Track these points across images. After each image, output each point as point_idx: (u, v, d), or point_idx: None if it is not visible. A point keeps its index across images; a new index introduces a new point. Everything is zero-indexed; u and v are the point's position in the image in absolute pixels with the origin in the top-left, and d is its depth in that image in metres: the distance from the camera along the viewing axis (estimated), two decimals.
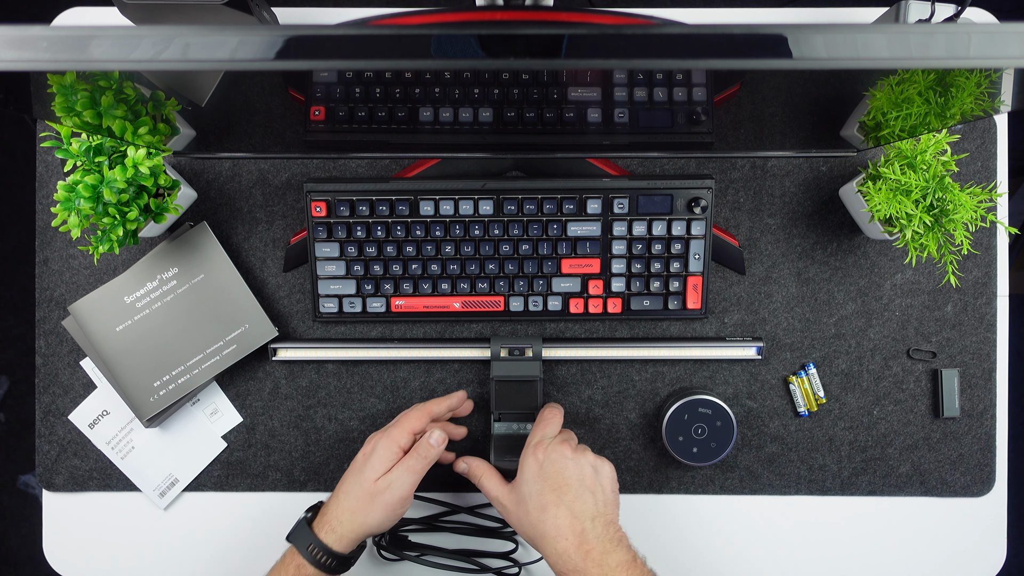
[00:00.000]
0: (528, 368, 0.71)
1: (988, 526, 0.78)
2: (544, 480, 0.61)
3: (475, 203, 0.73)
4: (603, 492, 0.61)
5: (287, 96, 0.65)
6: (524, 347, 0.72)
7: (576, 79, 0.65)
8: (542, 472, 0.61)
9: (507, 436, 0.71)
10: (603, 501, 0.61)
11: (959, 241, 0.68)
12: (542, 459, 0.62)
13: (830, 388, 0.78)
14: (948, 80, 0.51)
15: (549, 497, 0.60)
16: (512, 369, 0.71)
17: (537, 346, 0.72)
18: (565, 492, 0.60)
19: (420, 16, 0.54)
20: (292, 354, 0.75)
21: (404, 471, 0.64)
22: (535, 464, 0.62)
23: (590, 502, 0.60)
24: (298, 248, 0.77)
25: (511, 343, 0.72)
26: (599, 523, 0.59)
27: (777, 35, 0.33)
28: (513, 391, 0.71)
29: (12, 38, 0.33)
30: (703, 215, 0.73)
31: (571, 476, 0.61)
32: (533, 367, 0.72)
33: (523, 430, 0.71)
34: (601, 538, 0.58)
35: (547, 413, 0.68)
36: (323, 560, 0.63)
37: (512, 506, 0.63)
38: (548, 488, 0.60)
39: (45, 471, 0.78)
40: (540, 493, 0.60)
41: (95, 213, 0.65)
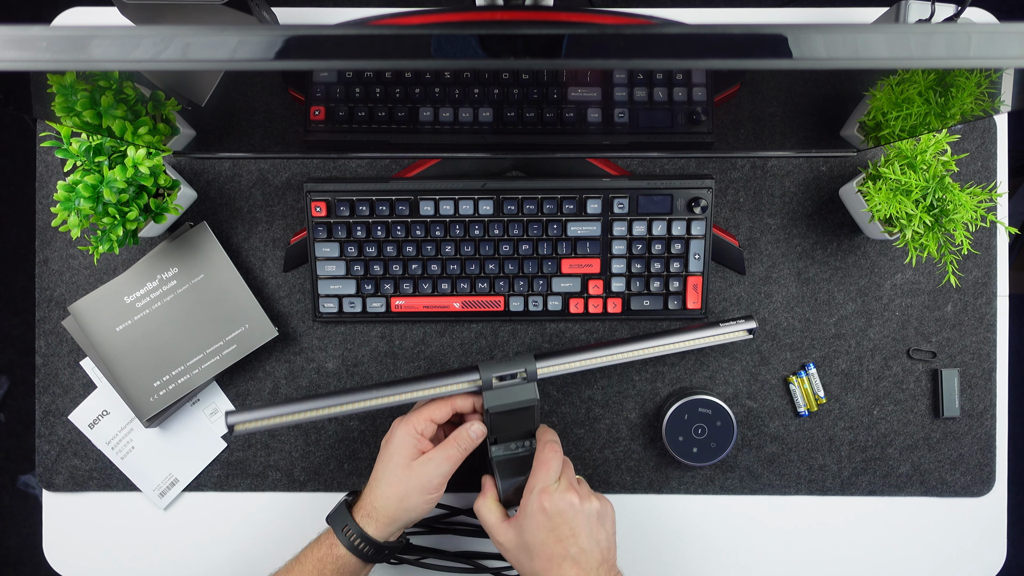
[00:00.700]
0: (523, 392, 0.65)
1: (988, 526, 0.78)
2: (552, 531, 0.59)
3: (475, 203, 0.73)
4: (607, 538, 0.61)
5: (287, 96, 0.65)
6: (516, 371, 0.65)
7: (576, 79, 0.65)
8: (550, 523, 0.59)
9: (509, 459, 0.66)
10: (607, 547, 0.60)
11: (959, 241, 0.68)
12: (549, 509, 0.59)
13: (830, 388, 0.78)
14: (948, 80, 0.51)
15: (556, 548, 0.58)
16: (507, 396, 0.65)
17: (531, 366, 0.65)
18: (572, 544, 0.58)
19: (420, 16, 0.54)
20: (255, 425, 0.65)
21: (442, 459, 0.63)
22: (542, 514, 0.59)
23: (596, 552, 0.59)
24: (298, 248, 0.77)
25: (501, 368, 0.65)
26: (603, 569, 0.59)
27: (777, 35, 0.33)
28: (510, 419, 0.66)
29: (12, 38, 0.33)
30: (703, 215, 0.73)
31: (579, 527, 0.59)
32: (529, 390, 0.65)
33: (522, 449, 0.67)
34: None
35: (547, 453, 0.63)
36: (359, 544, 0.62)
37: (512, 548, 0.61)
38: (555, 539, 0.58)
39: (45, 471, 0.78)
40: (545, 544, 0.59)
41: (95, 213, 0.65)
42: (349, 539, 0.63)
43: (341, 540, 0.63)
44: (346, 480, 0.78)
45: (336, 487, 0.79)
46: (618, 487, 0.78)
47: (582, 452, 0.78)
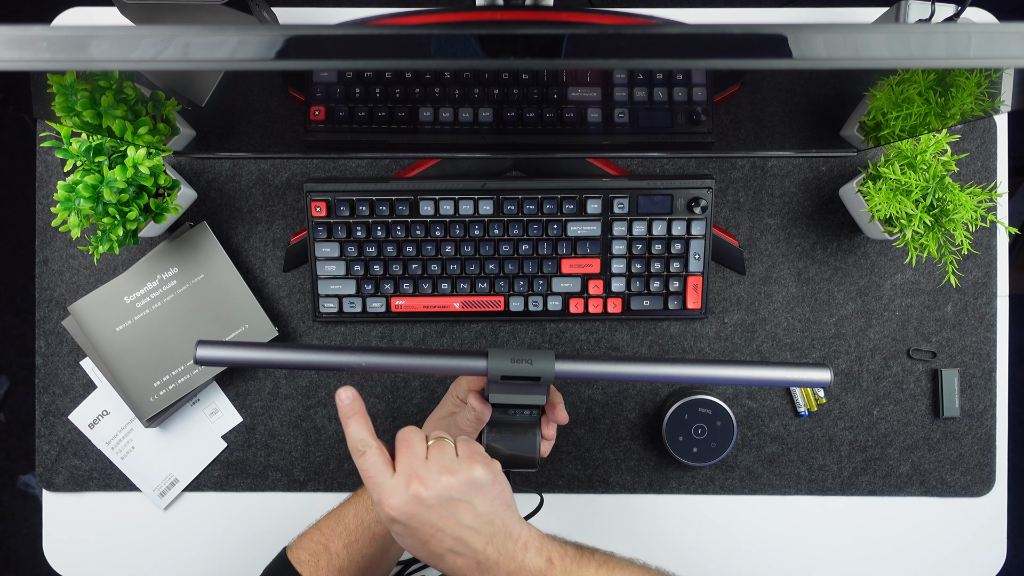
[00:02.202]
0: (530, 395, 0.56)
1: (988, 526, 0.78)
2: (413, 536, 0.51)
3: (475, 203, 0.73)
4: (485, 511, 0.51)
5: (287, 96, 0.65)
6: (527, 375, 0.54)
7: (576, 79, 0.65)
8: (407, 530, 0.50)
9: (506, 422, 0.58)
10: (489, 520, 0.51)
11: (959, 241, 0.68)
12: (398, 517, 0.50)
13: (830, 388, 0.78)
14: (948, 80, 0.51)
15: (429, 549, 0.51)
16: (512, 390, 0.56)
17: (548, 371, 0.54)
18: (443, 539, 0.50)
19: (420, 16, 0.54)
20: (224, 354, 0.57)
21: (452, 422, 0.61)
22: (394, 524, 0.51)
23: (473, 535, 0.50)
24: (298, 248, 0.77)
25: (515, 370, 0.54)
26: (494, 543, 0.51)
27: (777, 35, 0.33)
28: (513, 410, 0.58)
29: (12, 38, 0.33)
30: (703, 215, 0.73)
31: (440, 521, 0.50)
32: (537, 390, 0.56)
33: (521, 416, 0.58)
34: (502, 558, 0.51)
35: (359, 462, 0.52)
36: None
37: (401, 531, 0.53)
38: (421, 543, 0.51)
39: (45, 471, 0.78)
40: (417, 548, 0.52)
41: (95, 213, 0.65)
42: None
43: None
44: (346, 480, 0.78)
45: (336, 487, 0.79)
46: (618, 487, 0.78)
47: (582, 452, 0.78)
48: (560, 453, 0.78)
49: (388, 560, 0.64)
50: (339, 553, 0.61)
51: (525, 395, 0.56)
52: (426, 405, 0.78)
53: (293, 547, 0.63)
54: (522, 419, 0.58)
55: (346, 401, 0.53)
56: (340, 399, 0.54)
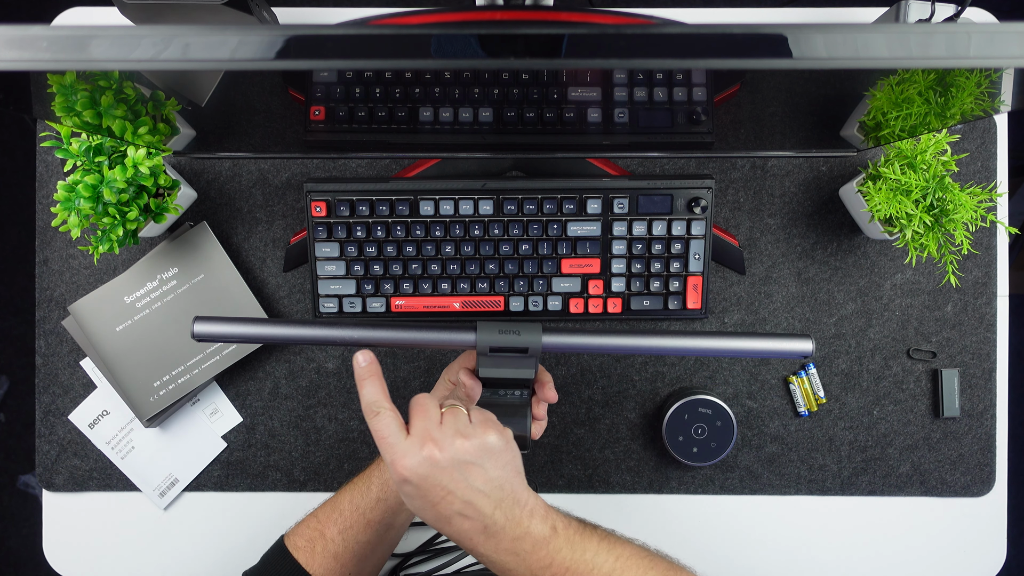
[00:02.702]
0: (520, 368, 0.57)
1: (988, 526, 0.78)
2: (423, 498, 0.51)
3: (475, 203, 0.73)
4: (496, 476, 0.51)
5: (287, 96, 0.65)
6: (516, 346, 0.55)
7: (576, 79, 0.65)
8: (418, 490, 0.51)
9: (496, 403, 0.59)
10: (499, 485, 0.51)
11: (959, 241, 0.68)
12: (409, 477, 0.50)
13: (830, 388, 0.78)
14: (948, 80, 0.51)
15: (438, 511, 0.51)
16: (501, 364, 0.57)
17: (535, 343, 0.55)
18: (453, 501, 0.51)
19: (420, 16, 0.54)
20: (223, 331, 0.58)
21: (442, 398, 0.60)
22: (405, 484, 0.51)
23: (483, 499, 0.51)
24: (298, 248, 0.77)
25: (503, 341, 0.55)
26: (502, 508, 0.51)
27: (777, 35, 0.33)
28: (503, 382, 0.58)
29: (12, 38, 0.33)
30: (703, 215, 0.73)
31: (451, 482, 0.50)
32: (527, 364, 0.56)
33: (511, 396, 0.59)
34: (508, 523, 0.51)
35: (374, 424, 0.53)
36: None
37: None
38: (430, 504, 0.51)
39: (45, 471, 0.78)
40: (425, 509, 0.52)
41: (95, 213, 0.65)
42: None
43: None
44: (346, 480, 0.78)
45: (336, 487, 0.78)
46: (618, 487, 0.78)
47: (582, 452, 0.78)
48: (560, 453, 0.78)
49: (384, 546, 0.65)
50: (334, 539, 0.62)
51: (514, 369, 0.56)
52: None
53: (290, 534, 0.64)
54: (512, 400, 0.59)
55: (363, 364, 0.55)
56: (357, 362, 0.55)
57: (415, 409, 0.53)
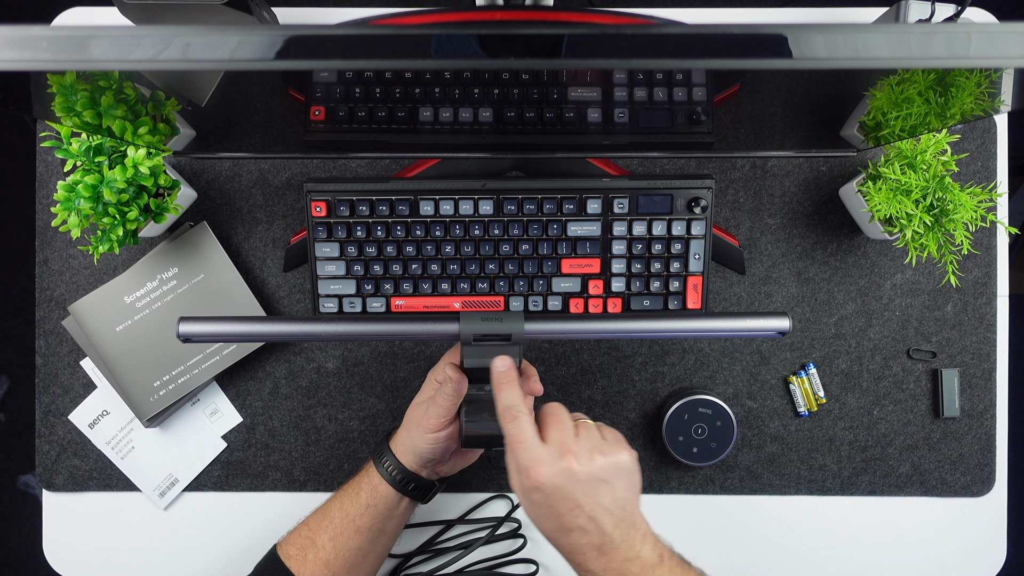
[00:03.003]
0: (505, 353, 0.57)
1: (988, 526, 0.78)
2: (550, 508, 0.52)
3: (475, 203, 0.73)
4: (623, 495, 0.53)
5: (287, 96, 0.65)
6: (499, 333, 0.56)
7: (576, 79, 0.65)
8: (547, 500, 0.52)
9: (481, 399, 0.59)
10: (622, 505, 0.53)
11: (959, 241, 0.68)
12: (543, 485, 0.51)
13: (830, 388, 0.78)
14: (948, 80, 0.51)
15: (560, 522, 0.52)
16: (486, 354, 0.57)
17: (518, 329, 0.56)
18: (578, 515, 0.52)
19: (420, 16, 0.54)
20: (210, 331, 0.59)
21: (431, 403, 0.61)
22: (536, 492, 0.52)
23: (606, 516, 0.52)
24: (298, 248, 0.77)
25: (484, 327, 0.56)
26: (620, 529, 0.52)
27: (777, 35, 0.33)
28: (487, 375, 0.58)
29: (12, 38, 0.33)
30: (703, 215, 0.73)
31: (581, 496, 0.51)
32: (511, 352, 0.57)
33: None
34: (623, 543, 0.52)
35: (511, 428, 0.54)
36: (388, 467, 0.64)
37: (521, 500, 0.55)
38: (555, 515, 0.52)
39: (45, 471, 0.78)
40: (547, 519, 0.53)
41: (95, 213, 0.65)
42: (381, 462, 0.64)
43: (375, 463, 0.65)
44: (346, 480, 0.78)
45: (336, 487, 0.78)
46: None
47: None
48: None
49: (376, 552, 0.66)
50: (325, 546, 0.63)
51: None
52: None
53: (282, 543, 0.65)
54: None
55: (502, 368, 0.56)
56: (496, 367, 0.56)
57: (550, 418, 0.54)
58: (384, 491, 0.64)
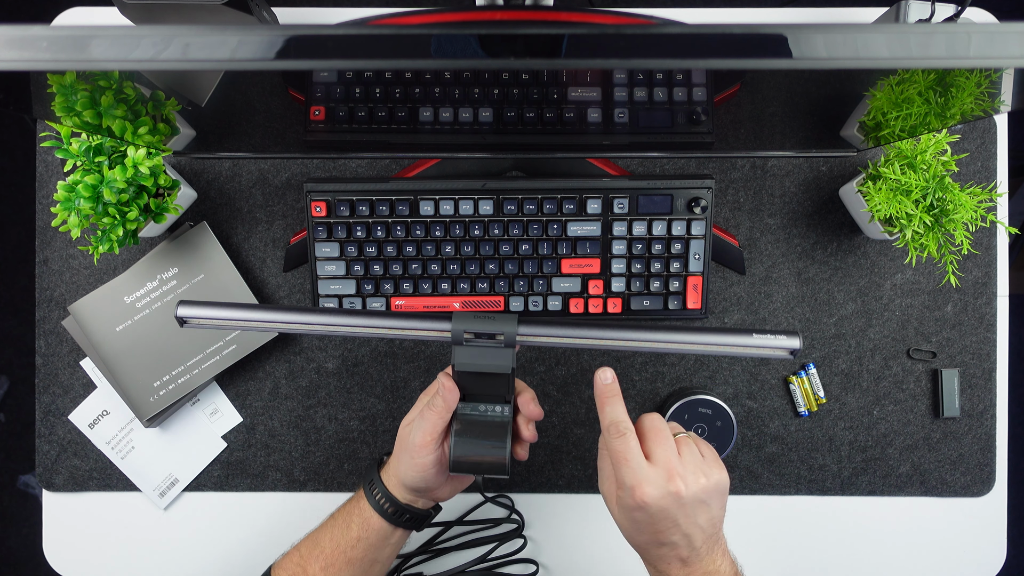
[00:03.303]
0: (497, 357, 0.56)
1: (988, 526, 0.78)
2: (651, 524, 0.53)
3: (475, 203, 0.73)
4: (715, 515, 0.54)
5: (287, 96, 0.65)
6: (492, 332, 0.55)
7: (576, 79, 0.65)
8: (650, 518, 0.52)
9: (473, 421, 0.57)
10: (711, 524, 0.54)
11: (959, 241, 0.68)
12: (650, 505, 0.51)
13: (830, 388, 0.78)
14: (948, 80, 0.51)
15: (656, 537, 0.53)
16: (478, 358, 0.56)
17: (510, 329, 0.55)
18: (674, 533, 0.53)
19: (420, 16, 0.54)
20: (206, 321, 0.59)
21: (418, 418, 0.58)
22: (640, 511, 0.52)
23: (698, 534, 0.53)
24: (298, 248, 0.77)
25: (477, 325, 0.55)
26: (706, 546, 0.54)
27: (777, 35, 0.33)
28: (480, 380, 0.57)
29: (12, 38, 0.33)
30: (703, 215, 0.73)
31: (681, 517, 0.52)
32: (503, 356, 0.56)
33: (492, 413, 0.58)
34: (707, 557, 0.54)
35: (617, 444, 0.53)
36: (380, 499, 0.61)
37: (618, 522, 0.56)
38: (653, 531, 0.53)
39: (45, 471, 0.78)
40: (643, 532, 0.54)
41: (95, 213, 0.65)
42: (372, 494, 0.61)
43: (366, 494, 0.62)
44: (346, 480, 0.78)
45: (336, 487, 0.79)
46: None
47: (582, 452, 0.78)
48: (560, 453, 0.78)
49: None
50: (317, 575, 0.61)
51: (491, 360, 0.56)
52: None
53: (276, 566, 0.64)
54: (493, 417, 0.58)
55: (606, 381, 0.56)
56: (600, 379, 0.56)
57: (652, 433, 0.54)
58: (376, 524, 0.61)
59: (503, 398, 0.58)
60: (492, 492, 0.79)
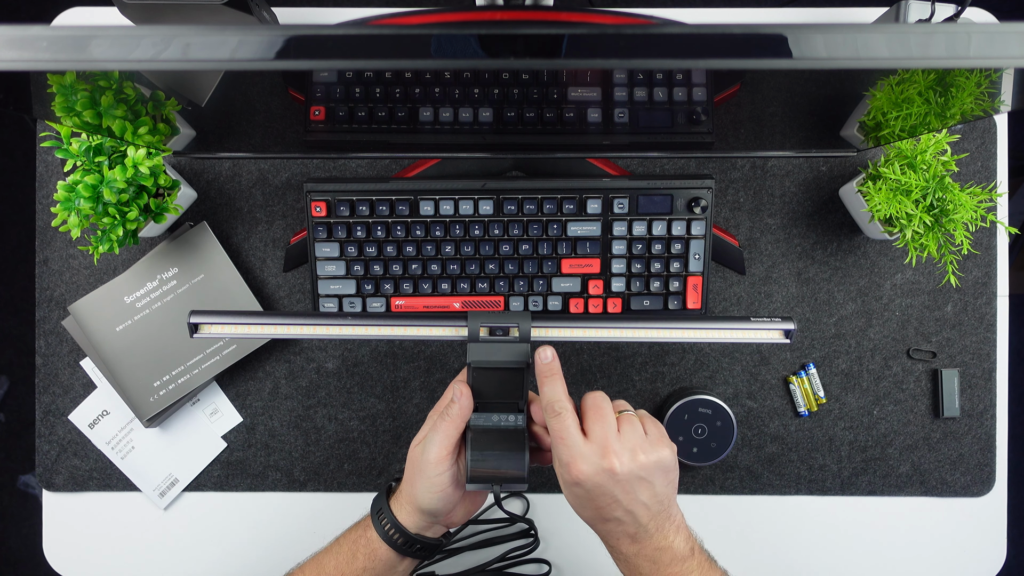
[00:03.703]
0: (513, 352, 0.57)
1: (988, 526, 0.78)
2: (590, 501, 0.53)
3: (475, 203, 0.73)
4: (660, 491, 0.54)
5: (287, 96, 0.65)
6: (509, 326, 0.57)
7: (576, 79, 0.65)
8: (587, 494, 0.53)
9: (488, 430, 0.57)
10: (658, 500, 0.54)
11: (959, 241, 0.68)
12: (583, 482, 0.52)
13: (830, 388, 0.78)
14: (948, 80, 0.51)
15: (598, 513, 0.54)
16: (494, 353, 0.57)
17: (525, 324, 0.57)
18: (616, 509, 0.53)
19: (420, 16, 0.54)
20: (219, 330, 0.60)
21: (431, 431, 0.57)
22: (576, 487, 0.53)
23: (642, 511, 0.53)
24: (298, 248, 0.77)
25: (492, 320, 0.57)
26: (655, 523, 0.54)
27: (777, 35, 0.33)
28: (495, 381, 0.58)
29: (12, 38, 0.33)
30: (703, 215, 0.73)
31: (620, 493, 0.53)
32: (519, 351, 0.57)
33: (506, 422, 0.58)
34: (656, 533, 0.54)
35: (555, 424, 0.54)
36: (389, 530, 0.58)
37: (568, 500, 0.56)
38: (594, 507, 0.54)
39: (45, 471, 0.78)
40: (586, 508, 0.54)
41: (95, 213, 0.65)
42: (381, 524, 0.59)
43: (374, 524, 0.59)
44: (346, 480, 0.78)
45: (336, 487, 0.79)
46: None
47: None
48: None
49: None
50: None
51: (506, 356, 0.57)
52: (426, 405, 0.78)
53: None
54: (507, 426, 0.57)
55: (546, 360, 0.56)
56: (541, 357, 0.56)
57: (592, 411, 0.54)
58: (383, 554, 0.58)
59: (516, 406, 0.58)
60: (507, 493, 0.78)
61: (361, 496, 0.79)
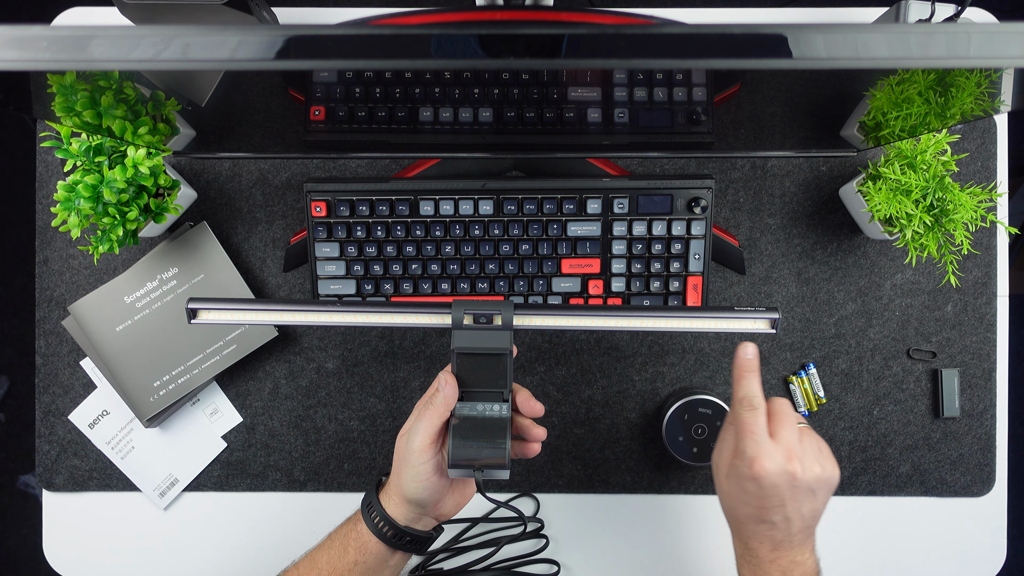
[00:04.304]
0: (496, 339, 0.58)
1: (988, 526, 0.78)
2: (760, 499, 0.55)
3: (475, 203, 0.73)
4: (817, 507, 0.56)
5: (287, 96, 0.65)
6: (492, 313, 0.58)
7: (576, 79, 0.65)
8: (761, 491, 0.54)
9: (472, 419, 0.58)
10: (812, 515, 0.56)
11: (959, 241, 0.68)
12: (763, 479, 0.53)
13: (830, 388, 0.78)
14: (948, 80, 0.51)
15: (758, 512, 0.55)
16: (477, 340, 0.58)
17: (507, 312, 0.58)
18: (777, 512, 0.54)
19: (420, 16, 0.54)
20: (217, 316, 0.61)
21: (416, 420, 0.57)
22: (752, 482, 0.54)
23: (798, 520, 0.55)
24: (298, 248, 0.77)
25: (476, 308, 0.58)
26: (801, 536, 0.56)
27: (777, 35, 0.33)
28: (479, 369, 0.59)
29: (12, 38, 0.33)
30: (703, 215, 0.73)
31: (789, 499, 0.54)
32: (502, 337, 0.58)
33: (490, 411, 0.58)
34: (798, 546, 0.56)
35: (745, 417, 0.56)
36: (378, 523, 0.59)
37: (721, 490, 0.58)
38: (759, 505, 0.55)
39: (45, 471, 0.78)
40: (748, 504, 0.55)
41: (95, 213, 0.65)
42: (371, 517, 0.59)
43: (364, 517, 0.60)
44: (346, 480, 0.78)
45: (336, 487, 0.79)
46: (618, 487, 0.78)
47: (582, 452, 0.78)
48: (560, 453, 0.78)
49: None
50: None
51: (489, 342, 0.58)
52: None
53: None
54: (491, 416, 0.58)
55: (748, 356, 0.58)
56: (742, 353, 0.58)
57: (779, 415, 0.56)
58: (374, 548, 0.59)
59: (500, 395, 0.59)
60: (517, 492, 0.78)
61: (361, 496, 0.78)
